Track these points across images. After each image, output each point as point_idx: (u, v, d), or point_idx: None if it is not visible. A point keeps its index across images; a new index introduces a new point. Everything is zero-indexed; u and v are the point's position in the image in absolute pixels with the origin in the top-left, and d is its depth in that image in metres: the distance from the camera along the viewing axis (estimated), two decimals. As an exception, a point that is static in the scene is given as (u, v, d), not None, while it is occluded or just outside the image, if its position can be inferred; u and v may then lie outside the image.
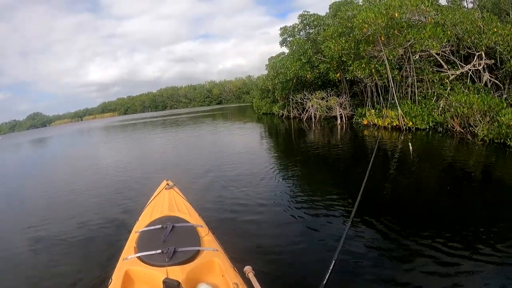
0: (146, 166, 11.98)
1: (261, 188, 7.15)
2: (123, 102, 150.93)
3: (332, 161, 9.94)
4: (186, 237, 3.15)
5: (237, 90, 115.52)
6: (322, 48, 17.26)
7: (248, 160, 10.77)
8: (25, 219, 7.04)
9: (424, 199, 5.91)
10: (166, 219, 3.51)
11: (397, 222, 4.84)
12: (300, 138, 15.21)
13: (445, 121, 12.43)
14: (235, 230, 4.90)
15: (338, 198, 6.11)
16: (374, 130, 14.65)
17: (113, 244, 4.72)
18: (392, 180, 7.34)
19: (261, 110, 32.91)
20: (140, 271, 2.71)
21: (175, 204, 4.01)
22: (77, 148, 24.62)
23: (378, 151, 10.59)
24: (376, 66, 14.68)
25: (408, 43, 13.66)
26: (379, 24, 13.33)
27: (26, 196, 9.76)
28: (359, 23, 13.70)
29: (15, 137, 72.90)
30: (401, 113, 14.01)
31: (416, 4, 13.34)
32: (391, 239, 4.36)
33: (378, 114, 15.45)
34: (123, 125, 46.74)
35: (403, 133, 13.27)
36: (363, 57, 15.16)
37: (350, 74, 15.75)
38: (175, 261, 2.70)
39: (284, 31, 21.87)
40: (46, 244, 5.43)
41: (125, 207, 6.84)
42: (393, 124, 14.31)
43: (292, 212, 5.55)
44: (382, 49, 14.17)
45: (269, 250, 4.29)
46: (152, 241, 3.06)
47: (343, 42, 15.65)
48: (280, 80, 20.72)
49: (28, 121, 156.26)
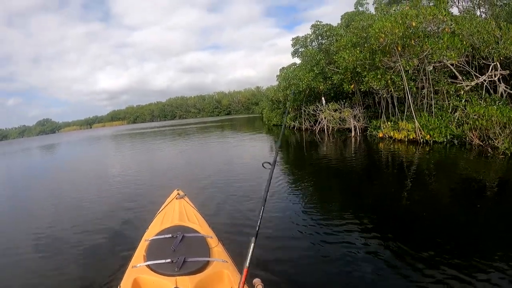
0: (156, 175, 11.84)
1: (272, 201, 6.97)
2: (132, 111, 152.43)
3: (346, 175, 9.51)
4: (196, 247, 3.10)
5: (246, 101, 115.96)
6: (335, 59, 16.89)
7: (259, 172, 10.24)
8: (33, 225, 6.97)
9: (442, 215, 5.57)
10: (176, 228, 3.47)
11: (410, 237, 4.70)
12: (313, 150, 14.75)
13: (463, 134, 11.99)
14: (244, 242, 4.66)
15: (349, 212, 5.90)
16: (390, 143, 14.13)
17: (122, 252, 4.68)
18: (408, 194, 7.03)
19: (272, 121, 32.55)
20: (149, 280, 2.65)
21: (186, 214, 3.95)
22: (87, 155, 24.60)
23: (394, 164, 10.26)
24: (392, 77, 14.25)
25: (424, 54, 13.25)
26: (396, 33, 12.95)
27: (35, 201, 9.64)
28: (375, 32, 13.33)
29: (24, 142, 73.74)
30: (418, 126, 13.52)
31: (433, 14, 12.97)
32: (403, 255, 4.18)
33: (394, 127, 14.94)
34: (132, 134, 46.89)
35: (420, 146, 12.73)
36: (379, 67, 14.75)
37: (364, 85, 15.32)
38: (185, 271, 2.67)
39: (296, 42, 21.57)
40: (54, 249, 5.36)
41: (135, 215, 6.77)
42: (410, 137, 13.80)
43: (303, 226, 5.43)
44: (398, 59, 13.76)
45: (279, 263, 4.19)
46: (162, 250, 3.01)
47: (358, 52, 15.29)
48: (292, 91, 20.36)
49: (37, 127, 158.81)
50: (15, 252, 5.47)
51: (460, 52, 12.52)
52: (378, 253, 4.25)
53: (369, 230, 5.02)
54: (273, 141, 19.33)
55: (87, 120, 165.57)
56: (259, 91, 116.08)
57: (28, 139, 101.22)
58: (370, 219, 5.51)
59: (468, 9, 16.54)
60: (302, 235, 5.06)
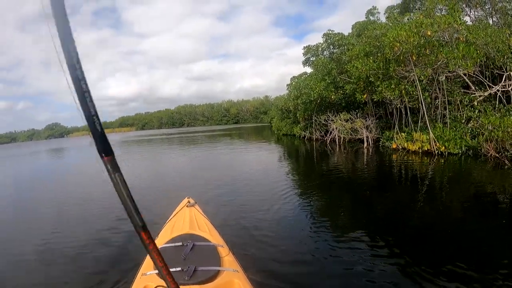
0: (165, 182, 11.72)
1: (283, 211, 6.91)
2: (141, 118, 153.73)
3: (358, 187, 9.19)
4: (206, 256, 3.08)
5: (254, 110, 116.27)
6: (347, 68, 16.65)
7: (269, 181, 10.25)
8: (41, 230, 6.80)
9: (456, 230, 5.35)
10: (186, 236, 3.45)
11: (422, 251, 4.55)
12: (324, 161, 14.43)
13: (479, 145, 11.70)
14: (255, 252, 4.76)
15: (360, 225, 5.79)
16: (404, 154, 13.78)
17: (131, 259, 4.59)
18: (422, 208, 6.82)
19: (281, 131, 32.31)
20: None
21: (196, 222, 3.93)
22: (95, 161, 24.46)
23: (408, 176, 9.94)
24: (406, 87, 13.94)
25: (438, 63, 12.95)
26: (411, 42, 12.70)
27: (42, 206, 9.42)
28: (390, 41, 13.08)
29: (32, 145, 74.59)
30: (433, 137, 13.17)
31: (448, 22, 12.71)
32: (414, 270, 4.03)
33: (407, 138, 14.59)
34: (141, 140, 47.00)
35: (434, 158, 12.39)
36: (392, 77, 14.47)
37: (378, 95, 15.02)
38: (195, 280, 2.65)
39: (308, 50, 21.40)
40: (62, 256, 5.20)
41: (146, 222, 6.40)
42: (424, 149, 13.45)
43: (314, 237, 5.31)
44: (413, 69, 13.47)
45: (289, 274, 4.10)
46: (172, 258, 2.96)
47: (371, 61, 15.04)
48: (303, 100, 20.08)
49: (46, 131, 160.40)
50: (20, 258, 5.34)
51: (475, 61, 12.21)
52: (389, 267, 4.13)
53: (380, 244, 4.86)
54: (283, 151, 19.08)
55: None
56: (267, 100, 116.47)
57: (37, 143, 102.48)
58: (381, 232, 5.35)
59: (480, 18, 16.29)
60: (310, 246, 4.96)
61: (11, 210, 9.50)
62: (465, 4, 16.68)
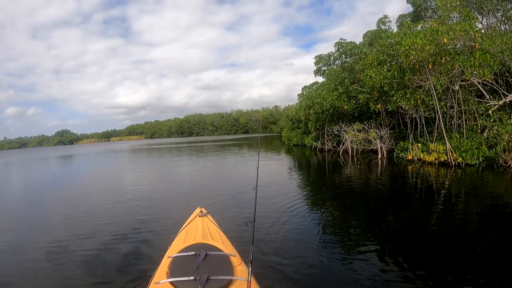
0: (177, 191, 11.64)
1: (294, 221, 6.89)
2: (150, 126, 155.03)
3: (372, 199, 8.90)
4: (219, 265, 3.09)
5: (263, 120, 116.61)
6: (361, 77, 16.36)
7: (280, 192, 10.06)
8: (52, 238, 6.73)
9: (474, 244, 5.12)
10: (199, 246, 3.45)
11: (435, 265, 4.40)
12: (337, 172, 14.04)
13: (496, 156, 11.40)
14: (267, 262, 4.75)
15: (374, 239, 5.63)
16: (419, 165, 13.37)
17: (144, 268, 4.66)
18: (438, 222, 6.54)
19: (292, 141, 32.00)
20: None
21: (209, 232, 3.95)
22: (106, 168, 24.50)
23: (424, 189, 9.57)
24: (422, 96, 13.59)
25: (453, 71, 12.61)
26: (427, 50, 12.40)
27: (53, 214, 9.39)
28: (405, 49, 12.80)
29: (41, 151, 75.60)
30: (450, 148, 12.78)
31: (464, 30, 12.42)
32: (425, 282, 3.96)
33: (423, 149, 14.18)
34: (151, 149, 47.12)
35: (452, 169, 11.99)
36: (407, 86, 14.16)
37: (392, 105, 14.69)
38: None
39: (320, 60, 21.14)
40: (74, 265, 5.15)
41: (157, 231, 6.66)
42: (441, 160, 13.04)
43: (326, 249, 5.26)
44: (429, 77, 13.15)
45: (302, 283, 4.09)
46: (185, 267, 3.01)
47: (385, 70, 14.74)
48: (315, 110, 19.77)
49: (56, 137, 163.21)
50: (31, 265, 5.30)
51: (492, 69, 11.87)
52: (403, 283, 4.00)
53: (396, 258, 4.67)
54: (294, 162, 18.76)
55: (105, 133, 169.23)
56: (277, 110, 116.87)
57: (46, 148, 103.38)
58: (397, 247, 5.20)
59: (492, 26, 15.97)
60: (322, 258, 4.90)
61: (22, 215, 9.48)
62: (478, 11, 16.41)
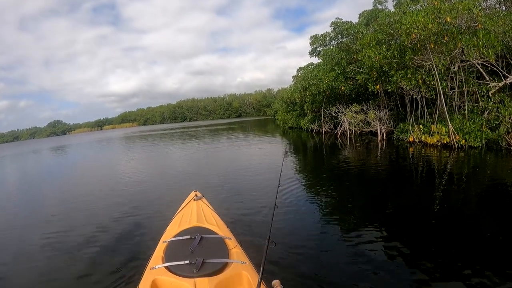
0: (171, 176, 11.59)
1: (290, 203, 6.84)
2: (142, 113, 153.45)
3: (373, 183, 8.66)
4: (214, 248, 3.07)
5: (257, 103, 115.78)
6: (359, 58, 15.85)
7: (277, 175, 9.85)
8: (48, 226, 6.86)
9: (478, 229, 4.94)
10: (194, 230, 3.44)
11: (435, 251, 4.27)
12: (335, 155, 13.66)
13: (499, 138, 11.11)
14: (263, 244, 4.47)
15: (373, 223, 5.44)
16: (421, 148, 13.04)
17: (140, 253, 4.65)
18: (441, 205, 6.31)
19: (287, 124, 31.60)
20: (168, 281, 2.64)
21: (204, 215, 3.92)
22: (99, 157, 24.41)
23: (428, 173, 9.16)
24: (423, 76, 13.15)
25: (455, 51, 12.14)
26: (430, 29, 11.89)
27: (49, 203, 9.50)
28: (407, 28, 12.26)
29: (34, 143, 74.44)
30: (452, 129, 12.42)
31: (468, 8, 11.89)
32: (426, 265, 3.89)
33: (425, 130, 13.81)
34: (143, 136, 46.62)
35: (454, 151, 11.66)
36: (408, 66, 13.69)
37: (392, 85, 14.24)
38: (203, 272, 2.64)
39: (315, 40, 20.43)
40: (71, 251, 5.24)
41: (152, 217, 6.68)
42: (443, 142, 12.70)
43: (322, 229, 5.32)
44: (431, 57, 12.68)
45: (297, 265, 4.09)
46: (180, 252, 2.98)
47: (384, 50, 14.22)
48: (312, 92, 19.24)
49: (48, 128, 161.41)
50: (31, 252, 5.39)
51: (495, 50, 11.43)
52: (403, 265, 3.96)
53: (394, 242, 4.57)
54: (291, 145, 18.40)
55: (98, 122, 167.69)
56: (270, 93, 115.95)
57: (39, 140, 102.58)
58: (396, 230, 5.09)
59: (492, 6, 15.42)
60: (319, 240, 4.92)
61: (20, 209, 9.33)
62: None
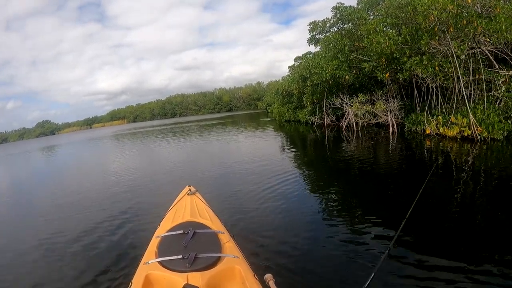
0: (164, 172, 11.55)
1: (286, 197, 6.76)
2: (132, 110, 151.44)
3: (392, 181, 7.69)
4: (207, 243, 3.04)
5: (247, 96, 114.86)
6: (364, 44, 14.58)
7: (273, 169, 9.61)
8: (42, 222, 7.05)
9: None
10: (187, 224, 3.42)
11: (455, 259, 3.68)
12: (343, 150, 12.45)
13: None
14: (256, 238, 4.73)
15: (377, 214, 5.22)
16: (438, 140, 11.90)
17: (133, 249, 4.70)
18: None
19: (283, 117, 30.40)
20: (161, 276, 2.62)
21: (197, 210, 3.90)
22: (90, 155, 24.29)
23: (450, 169, 8.12)
24: (441, 63, 11.95)
25: (473, 36, 10.98)
26: (450, 11, 10.68)
27: (41, 200, 9.69)
28: (424, 9, 11.04)
29: (23, 145, 72.94)
30: (474, 120, 11.28)
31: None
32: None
33: (443, 122, 12.61)
34: (133, 133, 45.74)
35: (476, 144, 10.55)
36: (422, 52, 12.49)
37: (404, 73, 13.02)
38: (196, 267, 2.62)
39: (315, 27, 19.07)
40: (64, 247, 5.31)
41: (146, 212, 6.72)
42: (464, 134, 11.55)
43: (318, 224, 5.23)
44: (449, 42, 11.48)
45: (290, 259, 4.01)
46: (173, 247, 2.97)
47: (395, 35, 12.98)
48: (313, 81, 17.91)
49: (37, 129, 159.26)
50: (24, 248, 5.50)
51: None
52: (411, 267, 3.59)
53: (403, 244, 4.10)
54: (292, 139, 17.19)
55: (87, 120, 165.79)
56: (260, 86, 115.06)
57: (27, 141, 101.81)
58: (411, 233, 4.38)
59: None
60: (317, 232, 4.85)
61: (13, 210, 9.35)
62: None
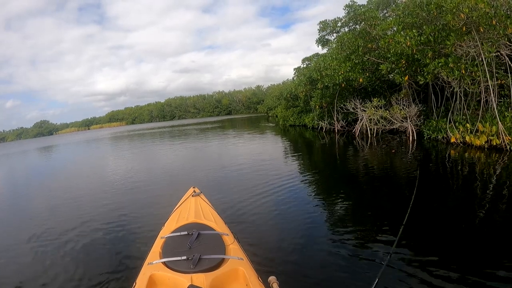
0: (168, 174, 11.66)
1: (291, 202, 6.67)
2: (130, 112, 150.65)
3: (405, 190, 6.68)
4: (211, 244, 3.05)
5: (246, 100, 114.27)
6: (381, 45, 13.63)
7: (278, 174, 9.45)
8: (46, 223, 6.92)
9: None
10: (192, 226, 3.43)
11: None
12: (355, 160, 11.44)
13: None
14: (260, 240, 4.68)
15: (380, 220, 5.20)
16: (463, 150, 10.90)
17: (138, 249, 4.70)
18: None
19: (288, 121, 29.36)
20: (165, 277, 2.63)
21: (202, 212, 3.88)
22: (92, 157, 23.68)
23: (480, 182, 7.25)
24: (467, 66, 10.99)
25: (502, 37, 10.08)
26: (482, 9, 9.76)
27: (45, 201, 9.55)
28: (453, 7, 10.10)
29: (20, 145, 71.88)
30: (503, 129, 10.33)
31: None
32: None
33: (469, 130, 11.62)
34: (132, 135, 44.99)
35: (506, 155, 9.59)
36: (446, 54, 11.54)
37: (426, 76, 12.05)
38: (200, 268, 2.62)
39: (325, 26, 18.13)
40: (69, 247, 5.25)
41: (150, 212, 6.75)
42: (492, 143, 10.58)
43: (323, 229, 5.05)
44: (477, 43, 10.54)
45: (294, 263, 3.97)
46: (178, 247, 2.98)
47: (416, 34, 12.03)
48: (325, 84, 16.87)
49: (35, 129, 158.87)
50: (29, 250, 5.40)
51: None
52: None
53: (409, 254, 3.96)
54: (303, 147, 16.18)
55: (85, 121, 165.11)
56: (260, 90, 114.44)
57: (25, 141, 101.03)
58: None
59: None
60: (321, 235, 4.76)
61: (17, 211, 9.13)
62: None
